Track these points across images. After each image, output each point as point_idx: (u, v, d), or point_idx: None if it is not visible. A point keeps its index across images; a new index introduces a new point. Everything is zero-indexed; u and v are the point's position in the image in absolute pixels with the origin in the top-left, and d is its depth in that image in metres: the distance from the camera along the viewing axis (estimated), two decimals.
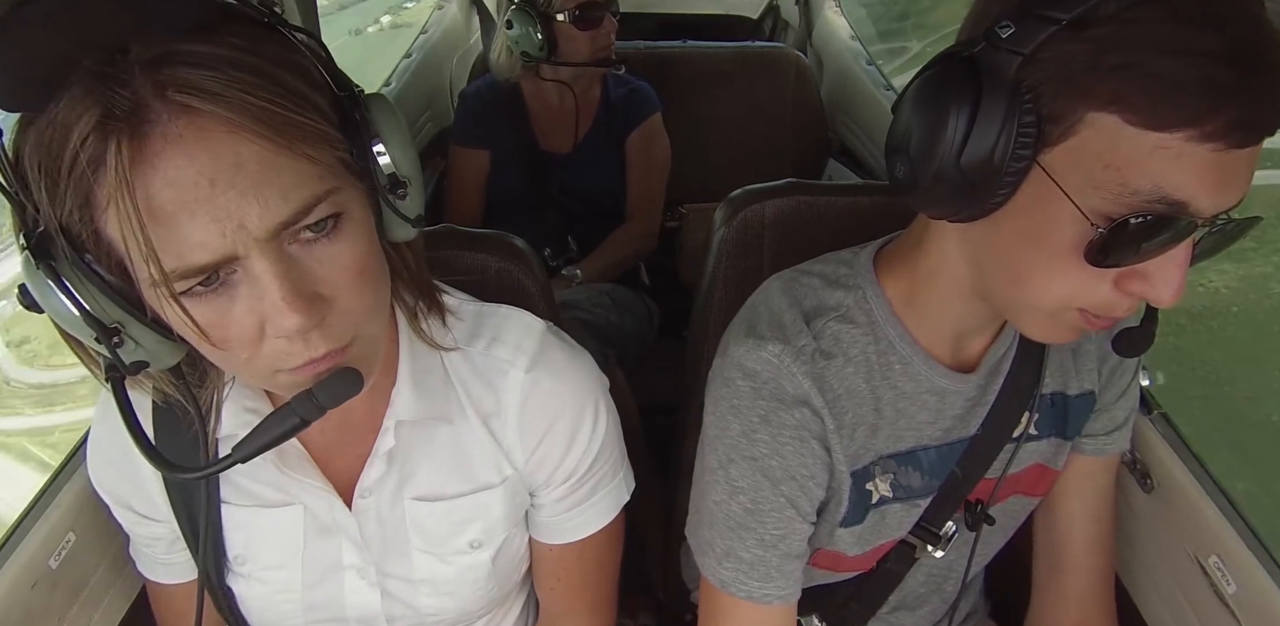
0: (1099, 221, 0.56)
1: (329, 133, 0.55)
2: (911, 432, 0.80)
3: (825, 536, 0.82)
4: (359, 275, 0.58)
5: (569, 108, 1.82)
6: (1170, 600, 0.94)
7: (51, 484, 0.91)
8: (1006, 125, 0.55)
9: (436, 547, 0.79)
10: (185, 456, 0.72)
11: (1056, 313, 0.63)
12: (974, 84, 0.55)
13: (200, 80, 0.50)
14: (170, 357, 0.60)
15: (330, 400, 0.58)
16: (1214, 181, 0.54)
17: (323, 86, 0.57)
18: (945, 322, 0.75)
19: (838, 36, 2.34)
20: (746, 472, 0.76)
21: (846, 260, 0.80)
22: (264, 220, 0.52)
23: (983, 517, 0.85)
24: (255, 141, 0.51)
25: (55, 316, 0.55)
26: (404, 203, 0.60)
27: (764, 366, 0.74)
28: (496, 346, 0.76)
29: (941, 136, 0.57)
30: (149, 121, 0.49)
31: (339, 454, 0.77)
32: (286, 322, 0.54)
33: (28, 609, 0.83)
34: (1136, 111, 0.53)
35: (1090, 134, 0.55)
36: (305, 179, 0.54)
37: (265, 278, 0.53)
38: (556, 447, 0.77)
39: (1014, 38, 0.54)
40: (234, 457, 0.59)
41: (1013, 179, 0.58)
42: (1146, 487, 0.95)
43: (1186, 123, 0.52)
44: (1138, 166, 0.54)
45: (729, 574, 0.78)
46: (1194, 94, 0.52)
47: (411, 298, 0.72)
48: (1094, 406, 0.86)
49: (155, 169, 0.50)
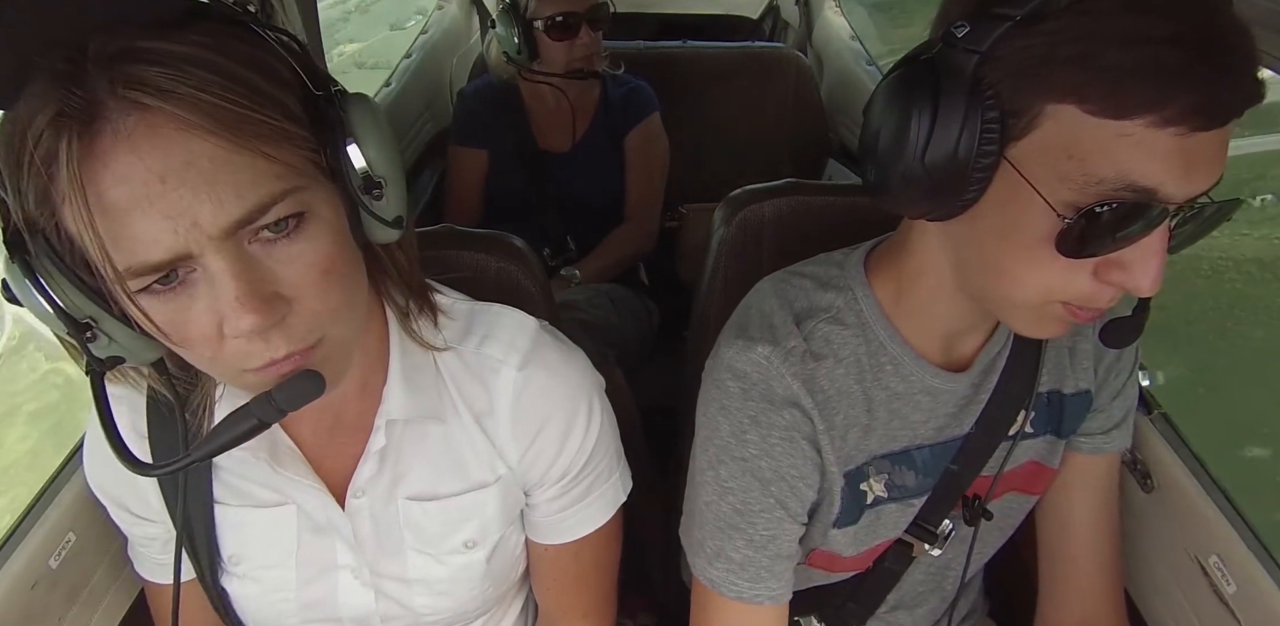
0: (1067, 212, 0.57)
1: (292, 131, 0.55)
2: (905, 432, 0.81)
3: (819, 537, 0.83)
4: (323, 275, 0.57)
5: (566, 108, 1.82)
6: (1170, 600, 0.94)
7: (51, 484, 0.91)
8: (969, 123, 0.56)
9: (431, 547, 0.79)
10: (174, 454, 0.72)
11: (1039, 306, 0.63)
12: (934, 84, 0.57)
13: (153, 77, 0.50)
14: (148, 353, 0.60)
15: (289, 403, 0.57)
16: (1180, 166, 0.54)
17: (292, 85, 0.56)
18: (935, 322, 0.75)
19: (838, 36, 2.34)
20: (736, 473, 0.76)
21: (838, 261, 0.80)
22: (217, 218, 0.52)
23: (980, 512, 0.85)
24: (207, 139, 0.51)
25: (32, 310, 0.55)
26: (381, 203, 0.60)
27: (753, 368, 0.74)
28: (489, 344, 0.76)
29: (906, 137, 0.58)
30: (101, 118, 0.50)
31: (332, 453, 0.77)
32: (241, 323, 0.54)
33: (28, 609, 0.83)
34: (1094, 101, 0.54)
35: (1052, 126, 0.56)
36: (262, 177, 0.53)
37: (221, 277, 0.53)
38: (550, 446, 0.77)
39: (970, 37, 0.56)
40: (191, 457, 0.59)
41: (982, 175, 0.58)
42: (1146, 487, 0.95)
43: (1145, 109, 0.53)
44: (1101, 155, 0.55)
45: (719, 574, 0.79)
46: (1149, 80, 0.52)
47: (402, 297, 0.72)
48: (1090, 405, 0.86)
49: (106, 166, 0.50)
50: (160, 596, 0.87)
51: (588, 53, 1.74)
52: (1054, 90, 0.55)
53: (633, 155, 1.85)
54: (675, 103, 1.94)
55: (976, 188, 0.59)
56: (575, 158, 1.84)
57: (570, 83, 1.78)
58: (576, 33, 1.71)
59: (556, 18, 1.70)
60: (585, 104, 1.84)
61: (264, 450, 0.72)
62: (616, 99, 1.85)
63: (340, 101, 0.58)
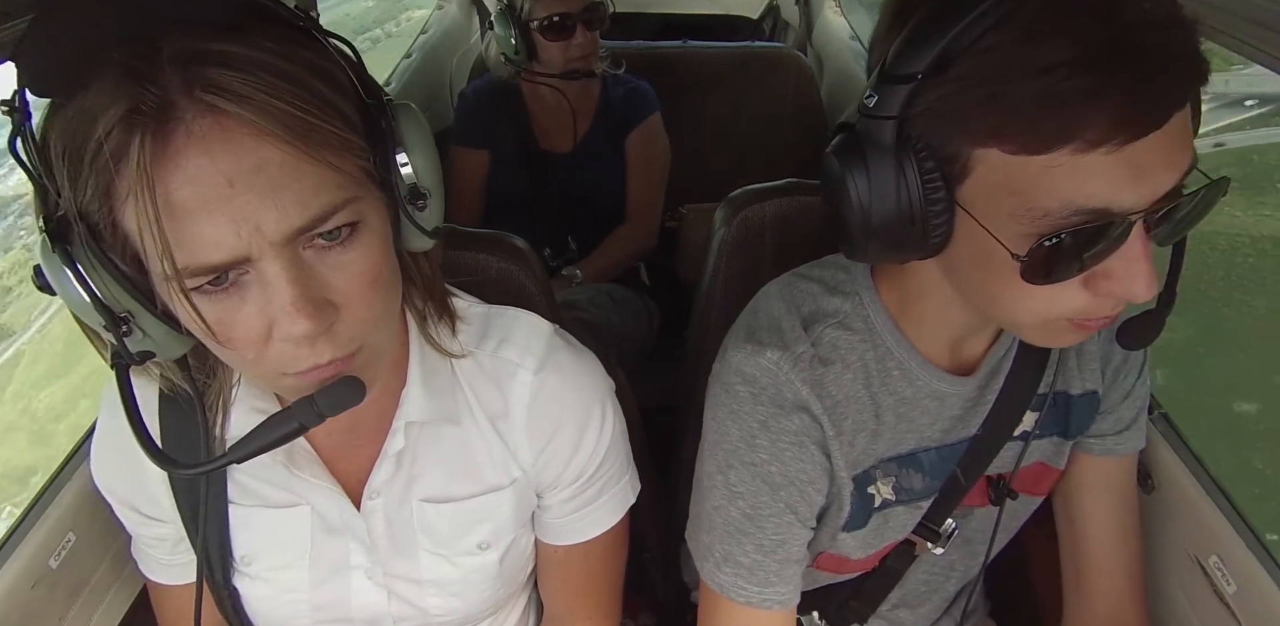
0: (1023, 246, 0.57)
1: (353, 141, 0.55)
2: (912, 435, 0.80)
3: (828, 540, 0.82)
4: (370, 284, 0.58)
5: (567, 108, 1.82)
6: (1170, 600, 0.94)
7: (52, 483, 0.91)
8: (905, 178, 0.58)
9: (444, 548, 0.79)
10: (189, 453, 0.72)
11: (1043, 325, 0.63)
12: (860, 153, 0.59)
13: (229, 81, 0.50)
14: (177, 349, 0.60)
15: (331, 408, 0.58)
16: (1125, 178, 0.54)
17: (350, 94, 0.57)
18: (941, 328, 0.75)
19: (838, 36, 2.34)
20: (745, 478, 0.76)
21: (845, 265, 0.80)
22: (280, 225, 0.52)
23: (1006, 492, 0.84)
24: (278, 146, 0.51)
25: (67, 300, 0.55)
26: (423, 214, 0.60)
27: (762, 373, 0.74)
28: (505, 348, 0.76)
29: (850, 203, 0.60)
30: (175, 118, 0.50)
31: (347, 455, 0.77)
32: (294, 328, 0.54)
33: (28, 609, 0.83)
34: (1011, 142, 0.54)
35: (983, 169, 0.57)
36: (325, 186, 0.54)
37: (277, 281, 0.54)
38: (564, 449, 0.77)
39: (879, 105, 0.57)
40: (230, 457, 0.59)
41: (940, 220, 0.60)
42: (1147, 487, 0.95)
43: (1064, 139, 0.52)
44: (1037, 190, 0.55)
45: (728, 579, 0.78)
46: (1060, 109, 0.52)
47: (421, 302, 0.72)
48: (1098, 407, 0.86)
49: (177, 165, 0.50)
50: (164, 597, 0.86)
51: (584, 53, 1.74)
52: (973, 135, 0.56)
53: (633, 155, 1.85)
54: (675, 103, 1.94)
55: (939, 232, 0.60)
56: (576, 158, 1.84)
57: (569, 83, 1.78)
58: (572, 33, 1.71)
59: (552, 18, 1.70)
60: (586, 104, 1.84)
61: (279, 452, 0.72)
62: (617, 99, 1.85)
63: (391, 110, 0.58)
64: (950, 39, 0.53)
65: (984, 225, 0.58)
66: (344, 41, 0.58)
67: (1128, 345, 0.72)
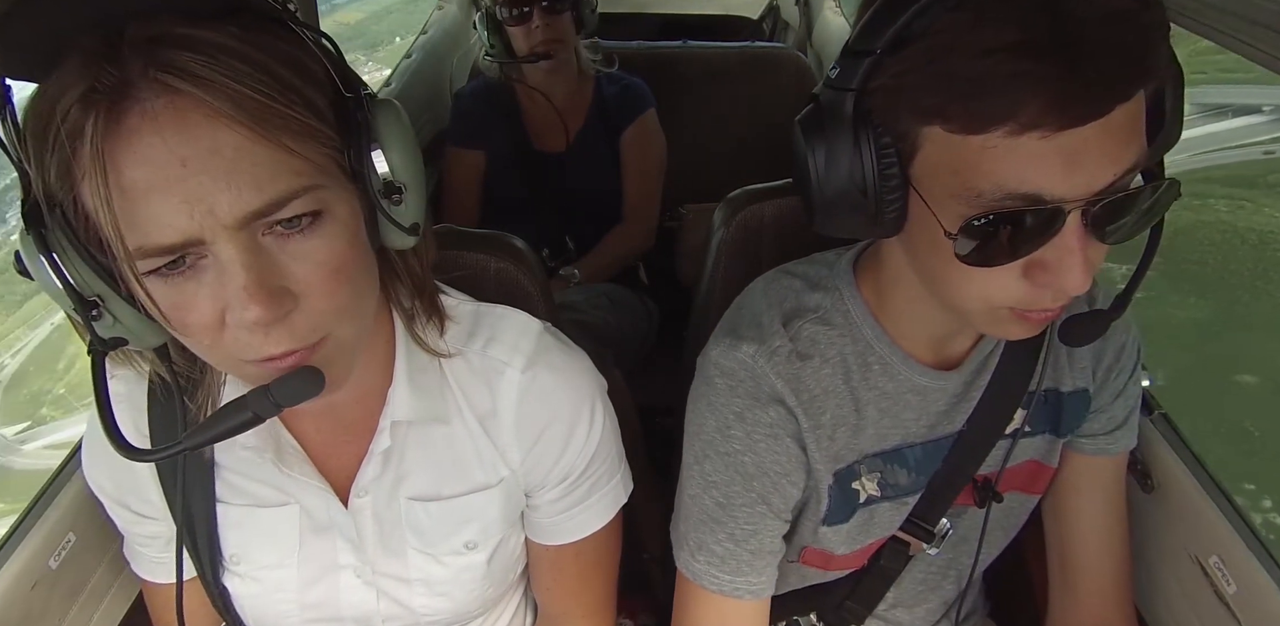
0: (956, 226, 0.58)
1: (317, 129, 0.55)
2: (896, 431, 0.81)
3: (809, 535, 0.83)
4: (333, 275, 0.57)
5: (561, 107, 1.82)
6: (1170, 600, 0.94)
7: (51, 484, 0.91)
8: (861, 152, 0.60)
9: (432, 548, 0.79)
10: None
11: (988, 312, 0.64)
12: (820, 123, 0.61)
13: (187, 62, 0.50)
14: (152, 338, 0.60)
15: (287, 399, 0.57)
16: (1058, 166, 0.55)
17: (323, 84, 0.57)
18: (920, 323, 0.76)
19: (837, 37, 2.33)
20: (720, 467, 0.77)
21: (829, 262, 0.81)
22: (234, 207, 0.52)
23: (992, 494, 0.85)
24: (234, 128, 0.51)
25: (41, 285, 0.56)
26: (400, 209, 0.60)
27: (739, 366, 0.76)
28: (493, 346, 0.76)
29: (809, 172, 0.62)
30: (131, 98, 0.50)
31: (335, 453, 0.77)
32: (246, 314, 0.54)
33: (28, 609, 0.83)
34: (952, 120, 0.56)
35: (929, 147, 0.59)
36: (283, 172, 0.54)
37: (231, 266, 0.53)
38: (553, 448, 0.77)
39: (841, 77, 0.60)
40: (184, 445, 0.58)
41: (893, 196, 0.61)
42: (1146, 488, 0.95)
43: (998, 120, 0.54)
44: (974, 170, 0.56)
45: (701, 567, 0.80)
46: (997, 91, 0.53)
47: (409, 300, 0.72)
48: (1089, 404, 0.86)
49: (130, 145, 0.50)
50: (158, 595, 0.86)
51: (545, 37, 1.75)
52: (920, 112, 0.58)
53: (628, 153, 1.85)
54: (675, 103, 1.94)
55: (893, 208, 0.62)
56: (571, 157, 1.84)
57: (556, 82, 1.80)
58: (530, 18, 1.73)
59: (511, 5, 1.73)
60: (579, 103, 1.84)
61: (269, 449, 0.72)
62: (610, 97, 1.85)
63: (369, 105, 0.58)
64: (910, 18, 0.56)
65: (927, 202, 0.60)
66: (323, 35, 0.58)
67: (1067, 341, 0.73)
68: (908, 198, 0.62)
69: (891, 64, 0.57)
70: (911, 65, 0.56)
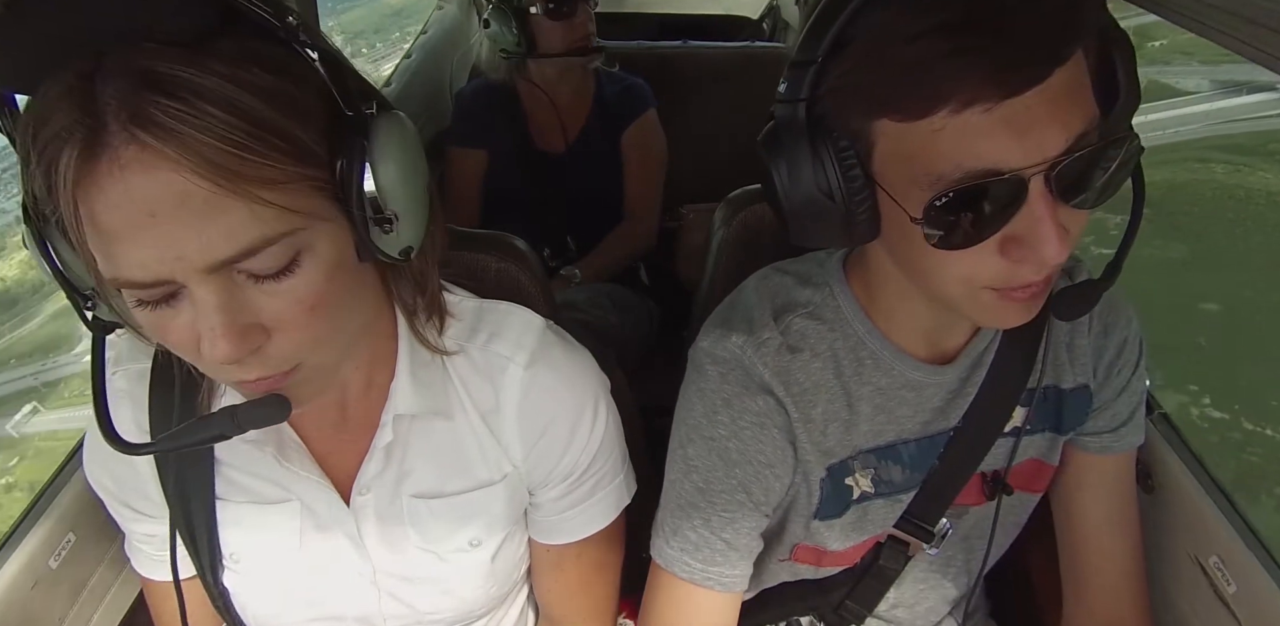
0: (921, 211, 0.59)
1: (296, 173, 0.54)
2: (891, 427, 0.81)
3: (801, 531, 0.83)
4: (310, 311, 0.57)
5: (563, 106, 1.82)
6: (1170, 600, 0.94)
7: (51, 484, 0.91)
8: (820, 159, 0.61)
9: (435, 545, 0.79)
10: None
11: (969, 296, 0.64)
12: (779, 138, 0.63)
13: (158, 114, 0.50)
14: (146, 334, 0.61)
15: (250, 423, 0.59)
16: (1007, 136, 0.55)
17: (313, 114, 0.55)
18: (911, 319, 0.76)
19: None
20: (702, 452, 0.78)
21: (821, 259, 0.82)
22: (204, 255, 0.52)
23: (1001, 487, 0.84)
24: (201, 183, 0.51)
25: (42, 270, 0.57)
26: (389, 237, 0.59)
27: (729, 355, 0.77)
28: (496, 342, 0.76)
29: (775, 185, 0.63)
30: (101, 143, 0.50)
31: (338, 449, 0.77)
32: (215, 351, 0.55)
33: (28, 609, 0.83)
34: (898, 109, 0.57)
35: (884, 141, 0.59)
36: (254, 221, 0.53)
37: (203, 307, 0.54)
38: (556, 445, 0.77)
39: (790, 90, 0.61)
40: (156, 446, 0.62)
41: (861, 196, 0.62)
42: (1146, 487, 0.95)
43: (939, 101, 0.55)
44: (928, 155, 0.57)
45: (674, 553, 0.79)
46: (931, 73, 0.54)
47: (412, 298, 0.72)
48: (1091, 401, 0.85)
49: (101, 190, 0.51)
50: (158, 593, 0.86)
51: (586, 31, 1.75)
52: (868, 108, 0.59)
53: (629, 153, 1.85)
54: (676, 103, 1.94)
55: (864, 209, 0.63)
56: (572, 157, 1.84)
57: (563, 81, 1.79)
58: (575, 11, 1.73)
59: (556, 1, 1.71)
60: (580, 102, 1.84)
61: (270, 444, 0.72)
62: (611, 96, 1.85)
63: (370, 124, 0.56)
64: (843, 23, 0.57)
65: (893, 196, 0.61)
66: (326, 49, 0.55)
67: (1060, 316, 0.73)
68: (876, 197, 0.62)
69: (833, 68, 0.59)
70: (851, 65, 0.58)
